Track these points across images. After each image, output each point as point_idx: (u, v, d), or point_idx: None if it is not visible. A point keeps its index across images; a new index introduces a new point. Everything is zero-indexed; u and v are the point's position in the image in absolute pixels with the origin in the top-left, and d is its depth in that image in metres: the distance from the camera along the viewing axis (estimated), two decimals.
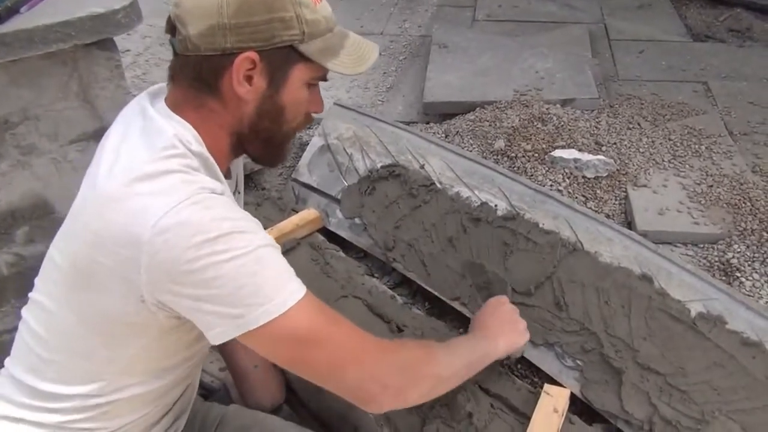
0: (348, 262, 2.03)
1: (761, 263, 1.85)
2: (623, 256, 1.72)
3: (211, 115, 1.05)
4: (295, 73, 1.05)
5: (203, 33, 0.98)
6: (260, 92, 1.04)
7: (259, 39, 1.00)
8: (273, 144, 1.13)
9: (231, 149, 1.10)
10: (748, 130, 2.62)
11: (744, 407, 1.45)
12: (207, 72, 1.01)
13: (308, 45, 1.03)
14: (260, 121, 1.07)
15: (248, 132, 1.08)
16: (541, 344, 1.72)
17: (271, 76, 1.03)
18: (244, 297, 0.94)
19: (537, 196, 1.91)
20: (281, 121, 1.09)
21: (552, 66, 2.97)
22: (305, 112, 1.12)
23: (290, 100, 1.07)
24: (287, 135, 1.13)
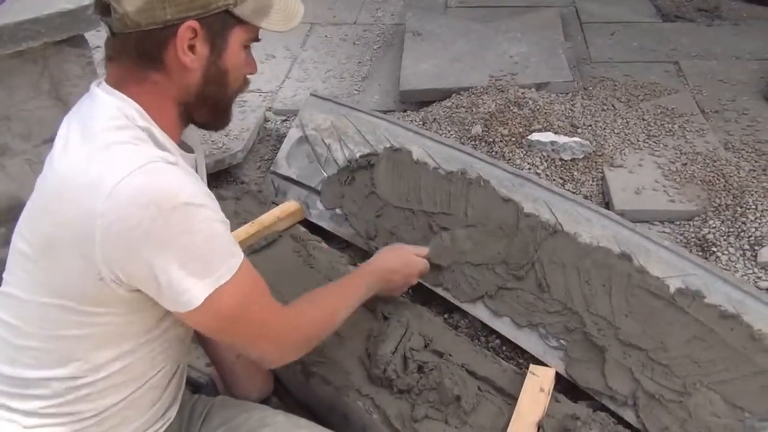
0: (330, 253, 2.03)
1: (736, 237, 1.89)
2: (602, 236, 1.74)
3: (155, 87, 1.07)
4: (234, 37, 1.09)
5: (141, 8, 1.00)
6: (204, 59, 1.07)
7: (197, 7, 1.02)
8: (219, 108, 1.17)
9: (179, 119, 1.13)
10: (719, 108, 2.65)
11: (724, 378, 1.49)
12: (150, 46, 1.04)
13: (241, 7, 1.07)
14: (206, 87, 1.10)
15: (195, 99, 1.11)
16: (525, 326, 1.74)
17: (212, 42, 1.07)
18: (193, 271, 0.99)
19: (516, 179, 1.93)
20: (226, 85, 1.13)
21: (526, 50, 2.98)
22: (243, 75, 1.17)
23: (232, 64, 1.11)
24: (231, 98, 1.18)
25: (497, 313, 1.79)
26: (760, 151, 2.32)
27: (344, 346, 1.66)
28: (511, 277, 1.80)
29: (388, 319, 1.69)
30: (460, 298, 1.85)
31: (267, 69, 3.29)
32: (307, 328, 1.27)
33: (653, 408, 1.50)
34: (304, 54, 3.48)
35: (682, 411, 1.48)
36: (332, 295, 1.40)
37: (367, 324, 1.72)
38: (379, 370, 1.55)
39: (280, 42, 3.56)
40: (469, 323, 1.90)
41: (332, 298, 1.38)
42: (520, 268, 1.79)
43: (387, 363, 1.55)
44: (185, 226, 0.97)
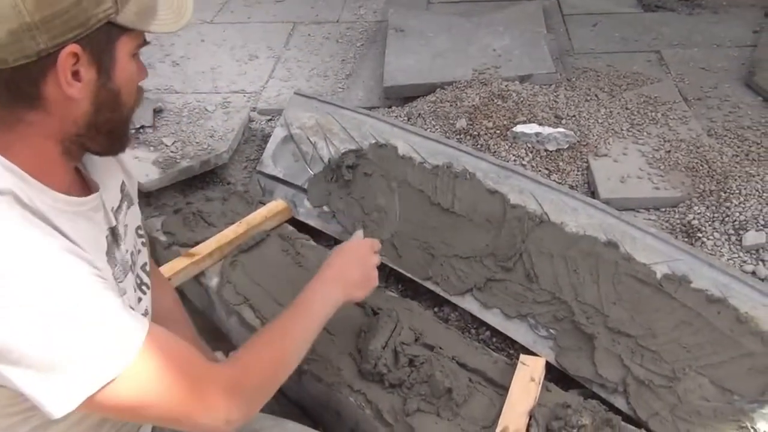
0: (319, 251, 2.03)
1: (721, 222, 1.90)
2: (588, 225, 1.75)
3: (30, 130, 0.90)
4: (120, 49, 0.92)
5: (6, 42, 0.81)
6: (92, 84, 0.91)
7: (74, 27, 0.84)
8: (116, 133, 1.01)
9: (65, 156, 0.97)
10: (702, 95, 2.67)
11: (712, 362, 1.50)
12: (24, 84, 0.86)
13: (124, 14, 0.89)
14: (99, 115, 0.94)
15: (86, 131, 0.95)
16: (514, 316, 1.75)
17: (98, 62, 0.90)
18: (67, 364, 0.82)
19: (501, 171, 1.94)
20: (120, 106, 0.97)
21: (508, 43, 2.99)
22: (137, 87, 1.01)
23: (123, 80, 0.95)
24: (127, 119, 1.01)
25: (486, 305, 1.80)
26: (742, 136, 2.33)
27: (335, 343, 1.66)
28: (499, 269, 1.81)
29: (377, 314, 1.69)
30: (450, 291, 1.86)
31: (250, 69, 3.29)
32: (256, 380, 1.07)
33: (643, 394, 1.52)
34: (287, 53, 3.47)
35: (672, 396, 1.49)
36: (280, 331, 1.18)
37: (357, 320, 1.72)
38: (370, 365, 1.55)
39: (263, 42, 3.56)
40: (459, 316, 1.91)
41: (280, 337, 1.17)
42: (508, 260, 1.80)
43: (378, 358, 1.55)
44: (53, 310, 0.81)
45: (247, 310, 1.81)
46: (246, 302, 1.82)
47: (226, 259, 1.96)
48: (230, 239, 2.00)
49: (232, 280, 1.89)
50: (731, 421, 1.43)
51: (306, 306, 1.25)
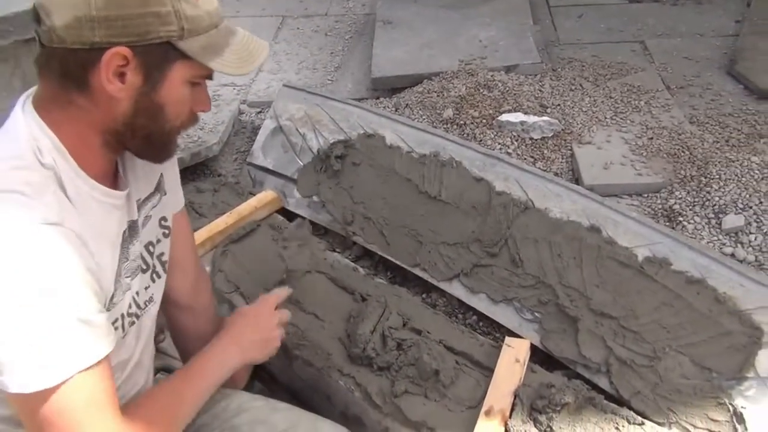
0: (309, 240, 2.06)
1: (701, 207, 1.94)
2: (572, 210, 1.79)
3: (79, 113, 0.96)
4: (175, 72, 0.96)
5: (70, 25, 0.88)
6: (135, 89, 0.95)
7: (132, 34, 0.90)
8: (154, 142, 1.03)
9: (105, 147, 1.01)
10: (684, 84, 2.71)
11: (692, 341, 1.54)
12: (74, 67, 0.92)
13: (188, 42, 0.94)
14: (136, 119, 0.98)
15: (123, 129, 0.99)
16: (500, 301, 1.79)
17: (147, 73, 0.94)
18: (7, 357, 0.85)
19: (487, 160, 1.97)
20: (161, 120, 1.00)
21: (495, 34, 3.03)
22: (190, 111, 1.04)
23: (170, 99, 0.98)
24: (170, 133, 1.04)
25: (473, 290, 1.83)
26: (723, 123, 2.38)
27: (325, 329, 1.69)
28: (485, 255, 1.84)
29: (366, 300, 1.73)
30: (437, 277, 1.90)
31: None
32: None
33: (625, 373, 1.56)
34: (276, 47, 3.49)
35: (653, 375, 1.53)
36: (174, 396, 1.16)
37: (346, 306, 1.76)
38: (358, 349, 1.58)
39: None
40: (447, 301, 1.94)
41: (174, 401, 1.15)
42: (493, 245, 1.83)
43: (366, 342, 1.58)
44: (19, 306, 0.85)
45: (238, 297, 1.83)
46: (237, 290, 1.85)
47: (217, 249, 1.99)
48: (221, 229, 2.03)
49: (223, 269, 1.91)
50: (710, 398, 1.47)
51: (202, 370, 1.24)
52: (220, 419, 1.32)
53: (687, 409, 1.48)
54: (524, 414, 1.42)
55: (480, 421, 1.41)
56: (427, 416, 1.46)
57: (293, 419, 1.34)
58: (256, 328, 1.37)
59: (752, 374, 1.47)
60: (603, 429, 1.40)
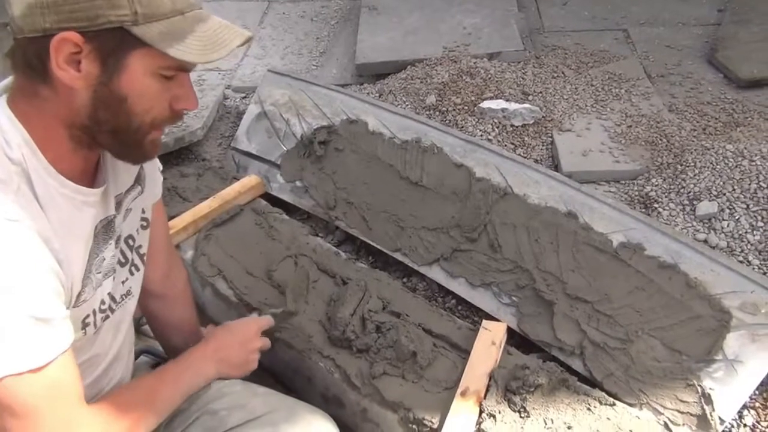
0: (292, 224, 2.08)
1: (676, 193, 1.98)
2: (549, 197, 1.82)
3: (44, 105, 0.94)
4: (134, 60, 0.92)
5: (24, 13, 0.87)
6: (93, 79, 0.92)
7: (81, 18, 0.87)
8: (123, 140, 1.00)
9: (76, 144, 0.99)
10: (665, 72, 2.74)
11: (663, 324, 1.58)
12: (33, 57, 0.91)
13: (144, 28, 0.90)
14: (97, 111, 0.95)
15: (89, 123, 0.96)
16: (479, 285, 1.82)
17: (102, 61, 0.91)
18: None
19: (467, 146, 2.00)
20: (125, 113, 0.96)
21: (479, 21, 3.04)
22: (169, 107, 1.00)
23: (132, 91, 0.94)
24: (139, 129, 0.99)
25: (452, 275, 1.87)
26: (702, 111, 2.41)
27: (306, 312, 1.72)
28: (465, 240, 1.87)
29: (347, 284, 1.75)
30: (417, 261, 1.93)
31: None
32: None
33: (599, 356, 1.60)
34: (262, 32, 3.49)
35: (626, 357, 1.57)
36: (146, 395, 1.16)
37: (327, 289, 1.78)
38: (338, 331, 1.61)
39: (238, 20, 3.57)
40: (427, 285, 1.97)
41: (144, 401, 1.15)
42: (473, 231, 1.86)
43: (346, 325, 1.61)
44: None
45: (220, 281, 1.86)
46: (220, 274, 1.87)
47: (200, 233, 2.00)
48: (204, 213, 2.04)
49: (207, 253, 1.93)
50: (680, 380, 1.51)
51: (177, 376, 1.25)
52: (199, 403, 1.34)
53: (657, 390, 1.52)
54: (499, 395, 1.46)
55: (455, 402, 1.44)
56: (404, 397, 1.49)
57: (272, 404, 1.36)
58: (238, 349, 1.39)
59: (720, 357, 1.51)
60: (575, 410, 1.43)
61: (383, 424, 1.52)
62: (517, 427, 1.40)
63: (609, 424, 1.39)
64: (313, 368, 1.64)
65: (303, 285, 1.77)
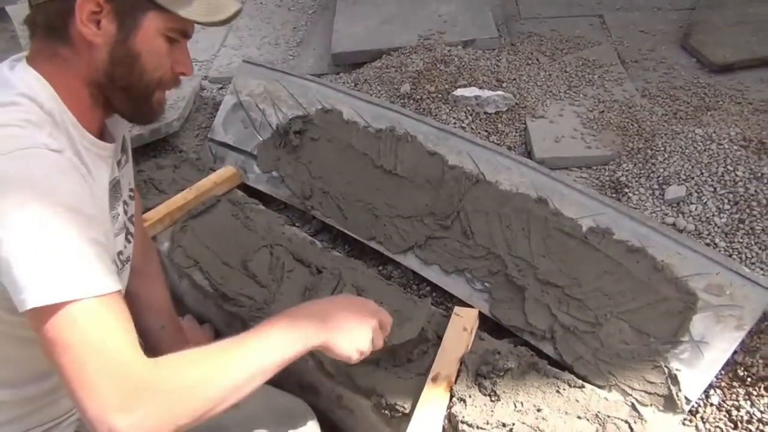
0: (268, 215, 2.09)
1: (646, 178, 2.00)
2: (521, 183, 1.84)
3: (65, 64, 1.02)
4: (148, 21, 1.02)
5: None
6: (110, 37, 1.01)
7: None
8: (134, 95, 1.08)
9: (94, 102, 1.07)
10: (639, 58, 2.76)
11: (631, 307, 1.61)
12: (55, 17, 1.00)
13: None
14: (114, 68, 1.03)
15: (105, 81, 1.05)
16: (452, 272, 1.84)
17: (120, 20, 1.01)
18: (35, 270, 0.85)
19: (440, 134, 2.01)
20: (138, 70, 1.05)
21: (454, 9, 3.05)
22: (170, 69, 1.10)
23: (145, 48, 1.04)
24: (148, 86, 1.08)
25: (426, 262, 1.89)
26: (674, 96, 2.43)
27: (282, 302, 1.73)
28: (438, 227, 1.89)
29: (321, 273, 1.77)
30: (392, 250, 1.94)
31: (202, 38, 3.30)
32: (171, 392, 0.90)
33: (569, 339, 1.62)
34: (239, 22, 3.48)
35: (595, 340, 1.60)
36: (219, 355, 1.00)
37: (303, 279, 1.80)
38: None
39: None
40: (402, 273, 1.99)
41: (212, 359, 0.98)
42: (446, 218, 1.88)
43: None
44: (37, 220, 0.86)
45: (196, 272, 1.86)
46: (196, 265, 1.88)
47: (176, 225, 2.01)
48: (180, 205, 2.05)
49: (183, 244, 1.94)
50: (647, 362, 1.54)
51: (262, 334, 1.06)
52: None
53: (625, 372, 1.55)
54: (469, 379, 1.48)
55: (426, 387, 1.46)
56: (376, 383, 1.51)
57: None
58: (348, 307, 1.19)
59: (687, 338, 1.54)
60: (545, 392, 1.46)
61: (357, 410, 1.54)
62: (487, 410, 1.42)
63: (578, 406, 1.41)
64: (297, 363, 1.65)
65: None
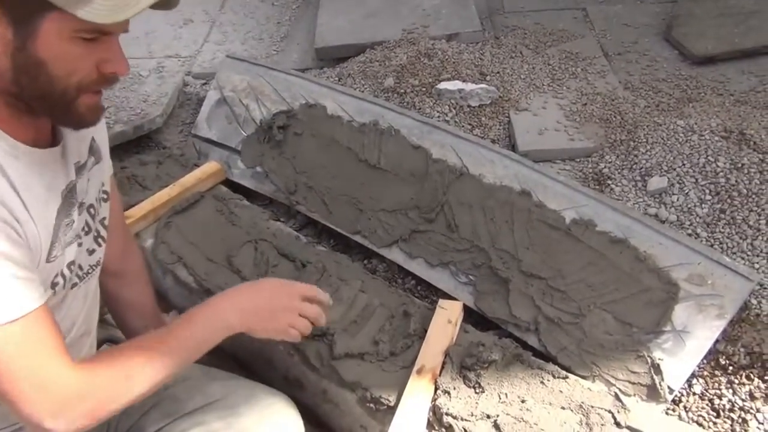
0: (253, 210, 2.08)
1: (629, 170, 2.02)
2: (504, 176, 1.84)
3: None
4: (48, 24, 0.90)
5: None
6: (8, 44, 0.91)
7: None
8: (52, 103, 0.98)
9: (14, 110, 0.99)
10: (622, 50, 2.78)
11: (614, 298, 1.62)
12: None
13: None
14: (19, 76, 0.94)
15: (16, 89, 0.95)
16: (437, 265, 1.85)
17: (15, 26, 0.90)
18: None
19: (424, 127, 2.01)
20: (45, 77, 0.94)
21: (438, 3, 3.05)
22: (95, 70, 0.98)
23: (50, 54, 0.92)
24: (66, 93, 0.97)
25: (411, 255, 1.89)
26: (656, 88, 2.45)
27: None
28: (423, 221, 1.89)
29: (305, 267, 1.77)
30: (377, 243, 1.94)
31: (185, 33, 3.28)
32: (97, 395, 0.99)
33: (553, 331, 1.63)
34: (222, 17, 3.47)
35: (579, 331, 1.61)
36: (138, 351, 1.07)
37: (287, 274, 1.79)
38: None
39: (198, 6, 3.55)
40: (387, 267, 1.99)
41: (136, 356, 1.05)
42: (430, 211, 1.88)
43: None
44: None
45: (181, 268, 1.86)
46: (180, 261, 1.87)
47: (160, 221, 2.00)
48: (164, 201, 2.03)
49: (166, 240, 1.93)
50: (630, 351, 1.56)
51: (184, 327, 1.13)
52: None
53: (609, 362, 1.56)
54: (454, 372, 1.48)
55: (411, 380, 1.46)
56: (361, 376, 1.51)
57: (231, 387, 1.38)
58: (266, 296, 1.24)
59: (669, 328, 1.55)
60: (529, 383, 1.46)
61: (342, 404, 1.54)
62: (471, 402, 1.42)
63: (561, 397, 1.42)
64: (273, 351, 1.65)
65: None
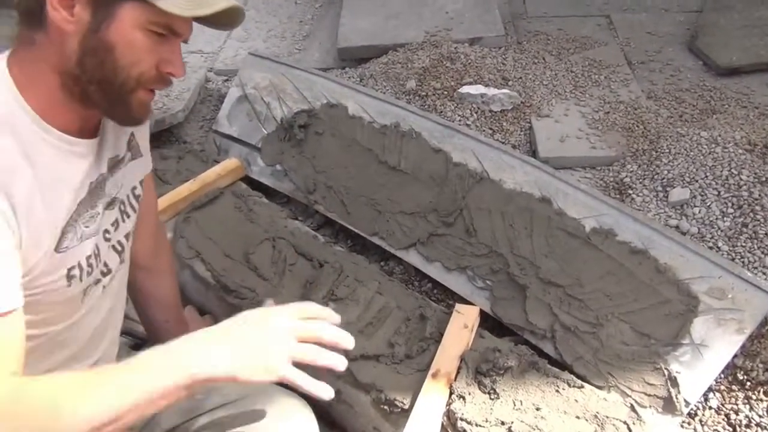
0: (271, 208, 2.09)
1: (651, 180, 2.00)
2: (525, 182, 1.84)
3: (38, 52, 0.97)
4: (125, 12, 0.93)
5: None
6: (83, 25, 0.93)
7: None
8: (109, 91, 0.99)
9: (67, 95, 1.00)
10: (646, 59, 2.76)
11: (632, 309, 1.61)
12: (33, 2, 0.94)
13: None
14: (85, 58, 0.95)
15: (78, 71, 0.96)
16: (454, 269, 1.84)
17: (94, 8, 0.93)
18: None
19: (445, 131, 2.01)
20: (111, 63, 0.96)
21: (461, 6, 3.04)
22: (155, 67, 1.00)
23: (120, 41, 0.95)
24: (125, 83, 0.98)
25: (429, 259, 1.89)
26: (680, 99, 2.43)
27: (282, 295, 1.73)
28: (441, 224, 1.89)
29: (323, 266, 1.77)
30: (395, 245, 1.94)
31: (208, 30, 3.28)
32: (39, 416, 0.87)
33: (569, 339, 1.62)
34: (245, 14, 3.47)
35: (595, 341, 1.60)
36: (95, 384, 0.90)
37: (304, 272, 1.80)
38: None
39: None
40: (404, 269, 1.99)
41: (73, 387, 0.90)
42: (449, 215, 1.88)
43: None
44: None
45: (198, 263, 1.87)
46: (198, 256, 1.88)
47: (179, 216, 2.01)
48: (184, 196, 2.05)
49: (185, 235, 1.94)
50: (647, 363, 1.55)
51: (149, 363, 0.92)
52: None
53: (625, 373, 1.56)
54: (469, 377, 1.48)
55: (426, 383, 1.47)
56: (376, 378, 1.52)
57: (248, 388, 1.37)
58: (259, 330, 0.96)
59: (687, 340, 1.54)
60: (544, 392, 1.46)
61: (356, 406, 1.54)
62: (486, 408, 1.42)
63: (577, 406, 1.42)
64: None
65: None
